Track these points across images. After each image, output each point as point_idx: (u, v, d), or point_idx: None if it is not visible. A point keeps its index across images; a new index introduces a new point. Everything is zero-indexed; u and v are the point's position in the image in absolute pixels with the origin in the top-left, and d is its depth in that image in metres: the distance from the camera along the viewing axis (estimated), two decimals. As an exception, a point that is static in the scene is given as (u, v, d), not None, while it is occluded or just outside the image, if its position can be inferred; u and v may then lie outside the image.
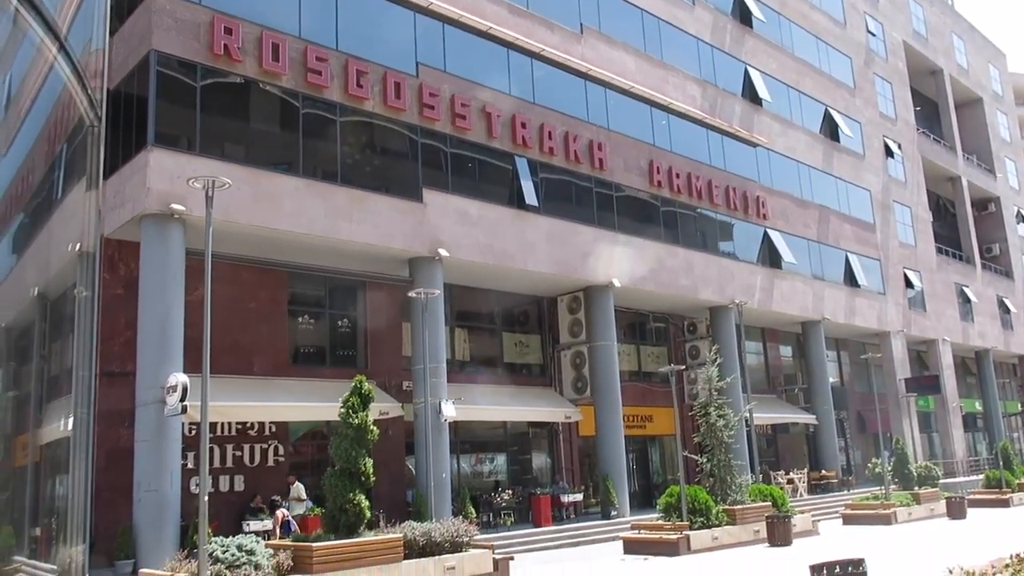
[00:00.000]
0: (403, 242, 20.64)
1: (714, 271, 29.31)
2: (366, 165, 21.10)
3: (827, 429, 33.91)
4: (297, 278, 21.66)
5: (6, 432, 4.76)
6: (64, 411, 3.57)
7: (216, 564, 12.12)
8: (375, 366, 21.98)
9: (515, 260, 23.09)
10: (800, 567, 10.71)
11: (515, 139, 23.72)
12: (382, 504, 17.97)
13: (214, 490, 18.23)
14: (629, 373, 29.04)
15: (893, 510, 25.12)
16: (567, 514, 24.01)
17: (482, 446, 25.75)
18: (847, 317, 35.89)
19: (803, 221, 34.70)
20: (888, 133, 42.60)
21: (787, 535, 19.79)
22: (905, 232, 42.24)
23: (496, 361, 26.24)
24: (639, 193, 27.44)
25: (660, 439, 30.74)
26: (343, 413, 14.05)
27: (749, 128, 32.53)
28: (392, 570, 13.73)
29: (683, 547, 18.41)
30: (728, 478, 21.40)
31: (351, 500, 13.59)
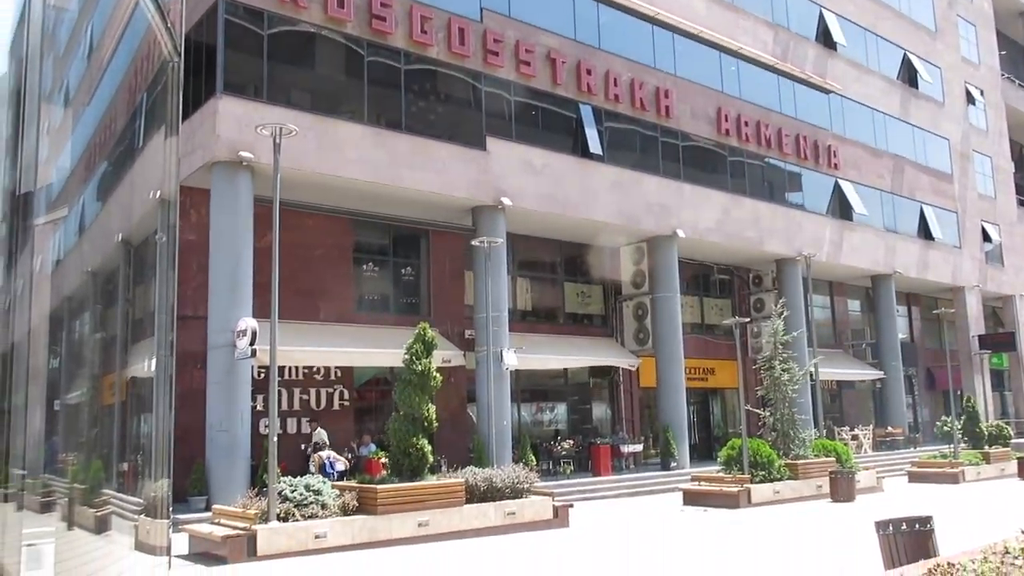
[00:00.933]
0: (466, 191, 20.64)
1: (782, 222, 28.65)
2: (430, 113, 21.05)
3: (894, 385, 33.22)
4: (362, 226, 21.87)
5: (94, 372, 4.95)
6: (148, 353, 3.69)
7: (285, 503, 12.54)
8: (438, 314, 22.19)
9: (578, 209, 22.92)
10: (863, 523, 10.59)
11: (580, 86, 23.36)
12: (444, 450, 18.29)
13: (282, 432, 18.75)
14: (691, 325, 28.76)
15: (961, 469, 24.61)
16: (626, 464, 24.12)
17: (543, 395, 25.93)
18: (919, 271, 34.85)
19: (876, 171, 33.59)
20: (970, 79, 40.72)
21: (850, 491, 19.55)
22: (984, 183, 40.62)
23: (557, 311, 26.26)
24: (706, 142, 26.86)
25: (722, 392, 30.52)
26: (407, 360, 14.26)
27: (822, 74, 31.43)
28: (453, 514, 14.01)
29: (743, 500, 18.36)
30: (791, 432, 21.19)
31: (414, 445, 13.85)
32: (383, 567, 11.23)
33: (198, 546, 12.42)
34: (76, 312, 5.19)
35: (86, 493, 4.06)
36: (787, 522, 16.09)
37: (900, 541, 8.07)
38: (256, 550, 11.74)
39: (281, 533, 12.07)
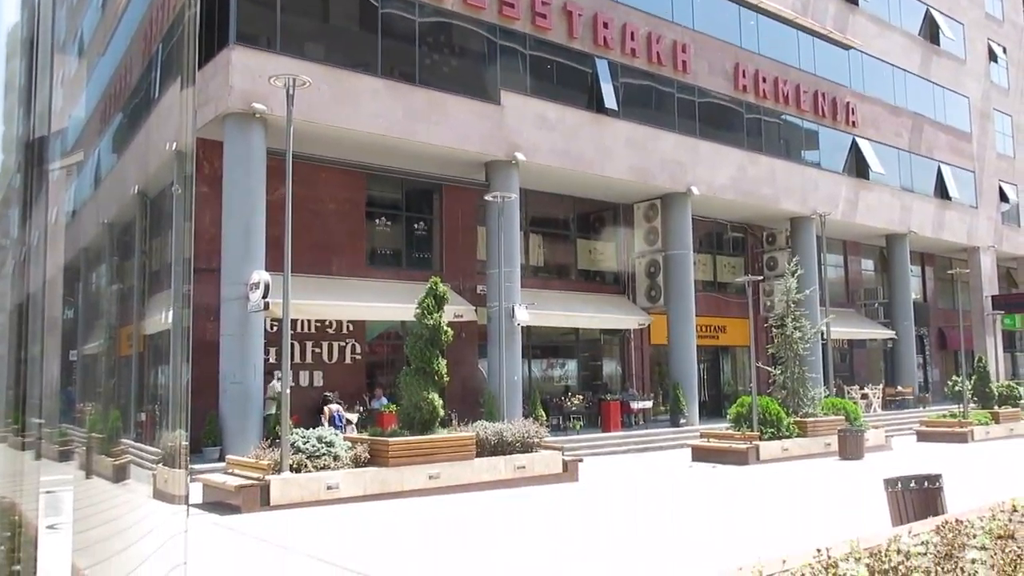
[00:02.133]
0: (480, 145, 20.51)
1: (797, 180, 28.40)
2: (444, 66, 20.83)
3: (906, 345, 33.17)
4: (375, 180, 21.81)
5: (111, 323, 5.00)
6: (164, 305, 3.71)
7: (297, 454, 12.70)
8: (450, 269, 22.21)
9: (592, 165, 22.76)
10: (871, 480, 10.67)
11: (596, 40, 23.04)
12: (455, 404, 18.41)
13: (294, 385, 18.94)
14: (704, 283, 28.72)
15: (970, 428, 24.68)
16: (636, 420, 24.29)
17: (553, 351, 26.03)
18: (935, 231, 34.57)
19: (894, 129, 33.14)
20: (993, 36, 39.93)
21: (859, 449, 19.65)
22: (1004, 143, 40.06)
23: (570, 268, 26.24)
24: (722, 98, 26.53)
25: (732, 350, 30.56)
26: (418, 314, 14.31)
27: (843, 30, 30.87)
28: (464, 467, 14.17)
29: (752, 457, 18.50)
30: (801, 390, 21.25)
31: (425, 398, 13.96)
32: (393, 517, 11.41)
33: (212, 496, 12.63)
34: (92, 264, 5.22)
35: (104, 442, 4.12)
36: (795, 479, 16.22)
37: (908, 498, 8.13)
38: (269, 500, 11.94)
39: (293, 484, 12.25)
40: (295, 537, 9.97)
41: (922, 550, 5.60)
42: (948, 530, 5.93)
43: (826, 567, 4.85)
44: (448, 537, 9.94)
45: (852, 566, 5.10)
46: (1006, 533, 6.20)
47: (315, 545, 9.47)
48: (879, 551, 5.27)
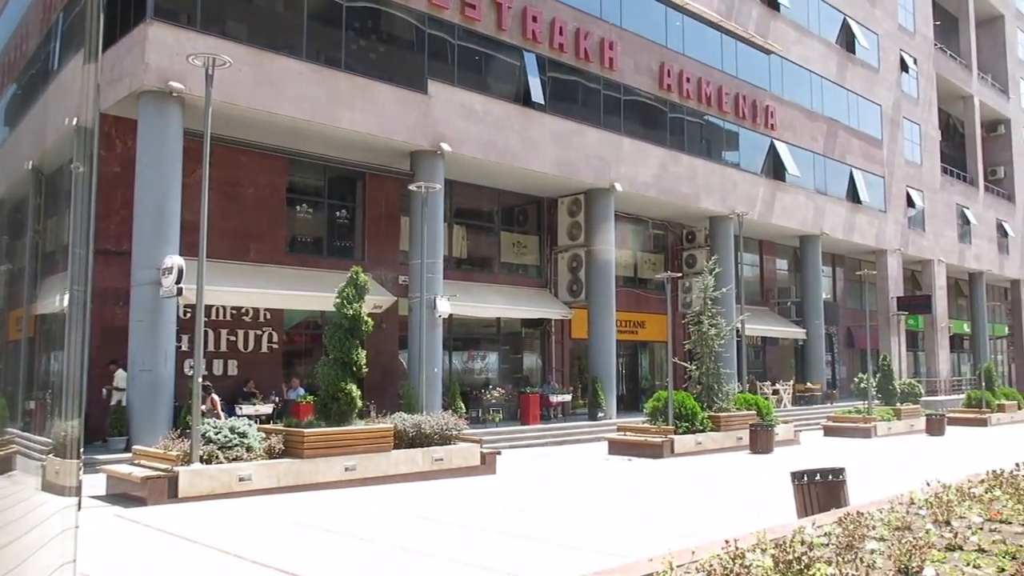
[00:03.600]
0: (405, 134, 20.30)
1: (717, 180, 29.02)
2: (371, 52, 20.53)
3: (816, 343, 34.30)
4: (297, 165, 21.37)
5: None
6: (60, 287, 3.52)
7: (209, 445, 12.36)
8: (372, 259, 21.95)
9: (518, 159, 22.79)
10: (779, 474, 10.99)
11: (525, 33, 23.05)
12: (374, 395, 18.25)
13: (208, 373, 18.45)
14: (624, 279, 29.12)
15: (873, 424, 25.67)
16: (555, 414, 24.47)
17: (475, 343, 26.01)
18: (846, 233, 35.81)
19: (810, 134, 34.17)
20: (905, 47, 41.53)
21: (769, 443, 20.24)
22: (912, 150, 41.73)
23: (493, 260, 26.24)
24: (647, 96, 26.89)
25: (651, 345, 31.08)
26: (338, 303, 14.09)
27: (764, 34, 31.64)
28: (381, 458, 14.03)
29: (667, 450, 18.84)
30: (715, 386, 21.73)
31: (343, 389, 13.76)
32: (306, 510, 11.22)
33: (116, 487, 12.19)
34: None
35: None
36: (707, 472, 16.59)
37: (813, 491, 8.38)
38: (177, 492, 11.59)
39: (204, 475, 11.92)
40: (202, 530, 9.70)
41: (825, 541, 5.77)
42: (849, 522, 6.13)
43: (733, 558, 4.94)
44: (360, 529, 9.82)
45: (758, 557, 5.22)
46: (903, 525, 6.44)
47: (223, 538, 9.23)
48: (784, 542, 5.40)
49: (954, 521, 6.65)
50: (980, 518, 6.78)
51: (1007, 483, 8.51)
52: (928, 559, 5.21)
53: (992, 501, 7.57)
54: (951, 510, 6.96)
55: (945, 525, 6.49)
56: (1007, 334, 54.24)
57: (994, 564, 5.24)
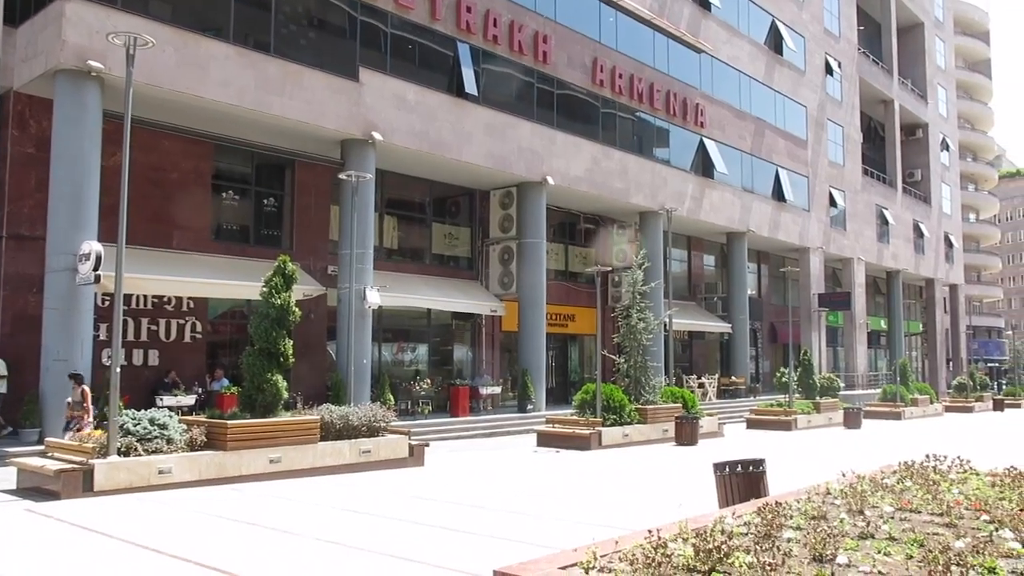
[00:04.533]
0: (336, 122, 20.00)
1: (648, 176, 29.39)
2: (301, 38, 20.14)
3: (740, 338, 35.09)
4: (223, 151, 20.85)
5: None
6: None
7: (127, 436, 11.98)
8: (300, 248, 21.59)
9: (450, 150, 22.68)
10: (702, 465, 11.20)
11: (459, 23, 22.93)
12: (301, 387, 17.98)
13: (127, 363, 17.90)
14: (555, 272, 29.29)
15: (794, 417, 26.40)
16: (484, 406, 24.49)
17: (404, 335, 25.84)
18: (771, 231, 36.70)
19: (739, 132, 34.89)
20: (830, 50, 42.72)
21: (693, 435, 20.62)
22: (835, 151, 42.99)
23: (424, 252, 26.09)
24: (580, 91, 27.06)
25: (580, 338, 31.35)
26: (265, 293, 13.81)
27: (695, 33, 32.15)
28: (307, 450, 13.82)
29: (594, 442, 19.03)
30: (643, 379, 22.04)
31: (268, 380, 13.49)
32: (227, 502, 10.97)
33: (28, 480, 11.72)
34: None
35: None
36: (633, 463, 16.81)
37: (734, 481, 8.55)
38: (93, 485, 11.19)
39: (121, 468, 11.55)
40: (119, 524, 9.40)
41: (744, 530, 5.89)
42: (768, 511, 6.27)
43: (656, 547, 5.00)
44: (284, 522, 9.65)
45: (680, 546, 5.30)
46: (819, 514, 6.63)
47: (141, 532, 8.96)
48: (705, 531, 5.49)
49: (867, 510, 6.87)
50: (892, 507, 7.02)
51: (917, 474, 8.84)
52: (842, 547, 5.37)
53: (903, 491, 7.84)
54: (865, 500, 7.18)
55: (859, 514, 6.69)
56: (921, 331, 56.46)
57: (903, 552, 5.42)
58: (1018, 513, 6.65)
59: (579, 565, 4.93)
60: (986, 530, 6.04)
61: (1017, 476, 8.88)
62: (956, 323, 59.43)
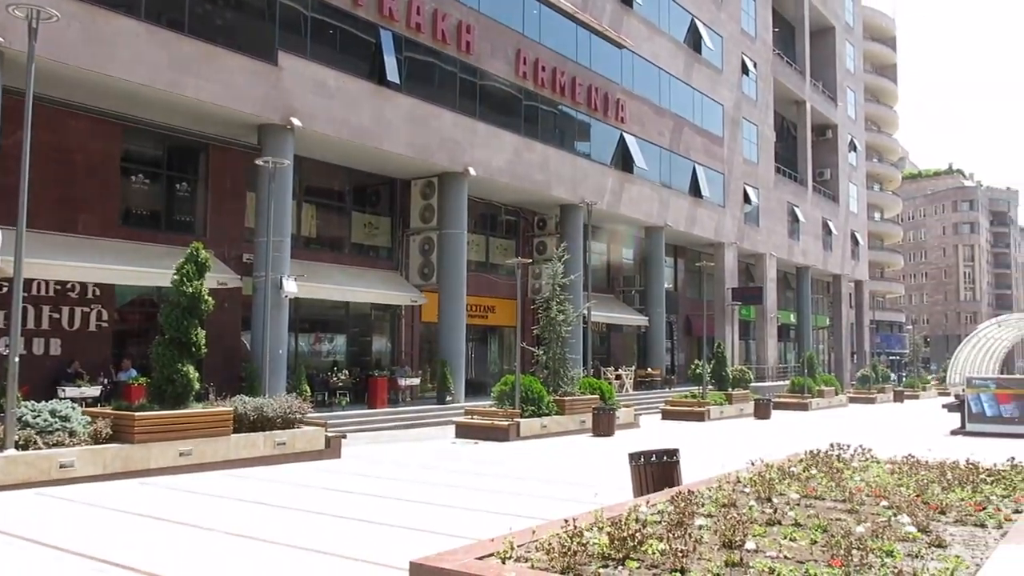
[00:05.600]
0: (253, 106, 19.51)
1: (569, 169, 29.62)
2: (218, 18, 19.55)
3: (657, 330, 35.76)
4: (133, 133, 20.10)
5: None
6: None
7: (26, 429, 11.46)
8: (215, 235, 21.00)
9: (371, 138, 22.39)
10: (618, 455, 11.37)
11: (381, 10, 22.63)
12: (214, 378, 17.52)
13: (27, 353, 17.12)
14: (476, 263, 29.28)
15: (707, 408, 27.07)
16: (403, 397, 24.32)
17: (322, 325, 25.45)
18: (688, 226, 37.46)
19: (658, 128, 35.47)
20: (747, 51, 43.79)
21: (610, 426, 20.92)
22: (750, 149, 44.14)
23: (343, 241, 25.72)
24: (503, 83, 27.06)
25: (500, 330, 31.44)
26: (176, 280, 13.38)
27: (617, 29, 32.50)
28: (220, 443, 13.48)
29: (513, 433, 19.12)
30: (561, 371, 22.23)
31: (179, 371, 13.09)
32: (133, 496, 10.61)
33: (-82, 475, 11.09)
34: None
35: None
36: (551, 454, 16.96)
37: (649, 471, 8.71)
38: (-11, 479, 10.67)
39: (19, 462, 11.03)
40: (16, 520, 8.98)
41: (658, 518, 6.00)
42: (681, 500, 6.40)
43: (572, 536, 5.05)
44: (193, 516, 9.39)
45: (595, 535, 5.37)
46: (729, 502, 6.80)
47: (40, 528, 8.58)
48: (620, 520, 5.57)
49: (775, 498, 7.09)
50: (798, 495, 7.26)
51: (822, 462, 9.17)
52: (750, 533, 5.52)
53: (809, 479, 8.13)
54: (773, 488, 7.41)
55: (767, 502, 6.91)
56: (828, 325, 58.59)
57: (808, 537, 5.61)
58: (915, 499, 6.96)
59: (496, 555, 4.94)
60: (885, 515, 6.30)
61: (914, 464, 9.31)
62: (861, 318, 61.87)
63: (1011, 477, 8.52)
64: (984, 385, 23.47)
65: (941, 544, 5.57)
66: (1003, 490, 7.78)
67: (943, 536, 5.79)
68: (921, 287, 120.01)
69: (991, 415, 22.59)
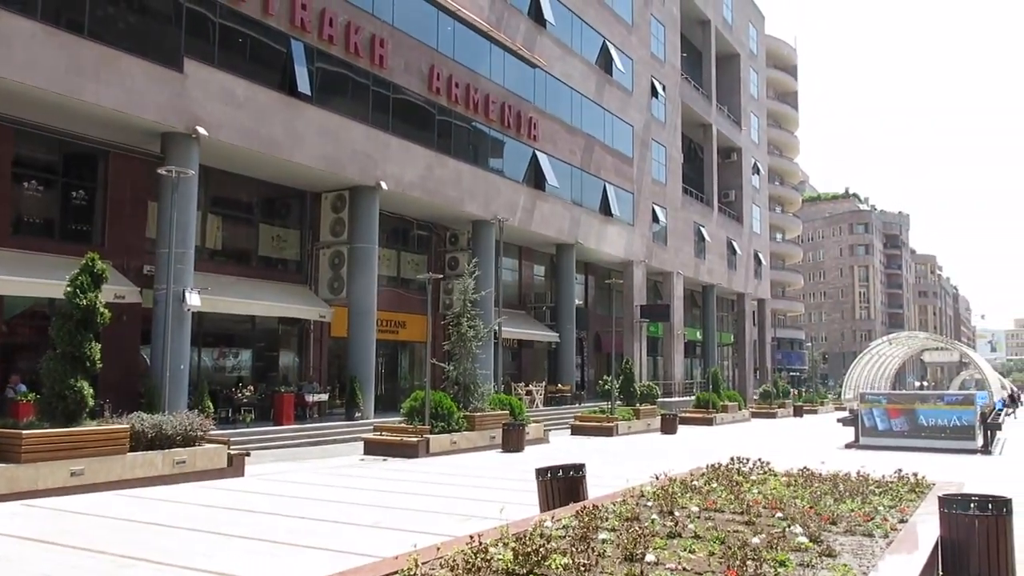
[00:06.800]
0: (157, 113, 18.94)
1: (481, 185, 29.74)
2: (121, 21, 18.93)
3: (567, 346, 36.13)
4: (25, 136, 19.23)
5: None
6: None
7: (-98, 448, 10.77)
8: (113, 245, 20.25)
9: (281, 150, 22.01)
10: (527, 471, 11.41)
11: (293, 20, 22.34)
12: (111, 394, 16.84)
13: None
14: (387, 278, 29.05)
15: (615, 423, 27.45)
16: (311, 414, 23.87)
17: (227, 340, 24.78)
18: (598, 244, 38.06)
19: (570, 147, 35.99)
20: (656, 74, 44.93)
21: (520, 442, 20.99)
22: (658, 170, 45.21)
23: (250, 253, 25.15)
24: (417, 97, 27.03)
25: (411, 345, 31.24)
26: (69, 292, 12.82)
27: (531, 48, 32.90)
28: (115, 462, 12.95)
29: (422, 450, 18.97)
30: (472, 386, 22.21)
31: (72, 387, 12.53)
32: (18, 519, 10.08)
33: None
34: None
35: None
36: (460, 470, 16.89)
37: (555, 486, 8.77)
38: None
39: None
40: None
41: (562, 533, 6.05)
42: (585, 514, 6.47)
43: (476, 552, 5.04)
44: (84, 539, 8.98)
45: (500, 550, 5.37)
46: (632, 515, 6.92)
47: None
48: (525, 535, 5.59)
49: (676, 511, 7.24)
50: (698, 507, 7.44)
51: (723, 476, 9.42)
52: (651, 546, 5.62)
53: (710, 492, 8.33)
54: (675, 501, 7.57)
55: (669, 515, 7.04)
56: (732, 342, 60.33)
57: (706, 548, 5.75)
58: (808, 510, 7.22)
59: (400, 573, 4.90)
60: (780, 526, 6.51)
61: (809, 477, 9.66)
62: (763, 335, 63.95)
63: (898, 489, 8.94)
64: (876, 400, 24.55)
65: (831, 553, 5.79)
66: (890, 501, 8.15)
67: (833, 546, 6.02)
68: (820, 306, 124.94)
69: (883, 429, 23.64)
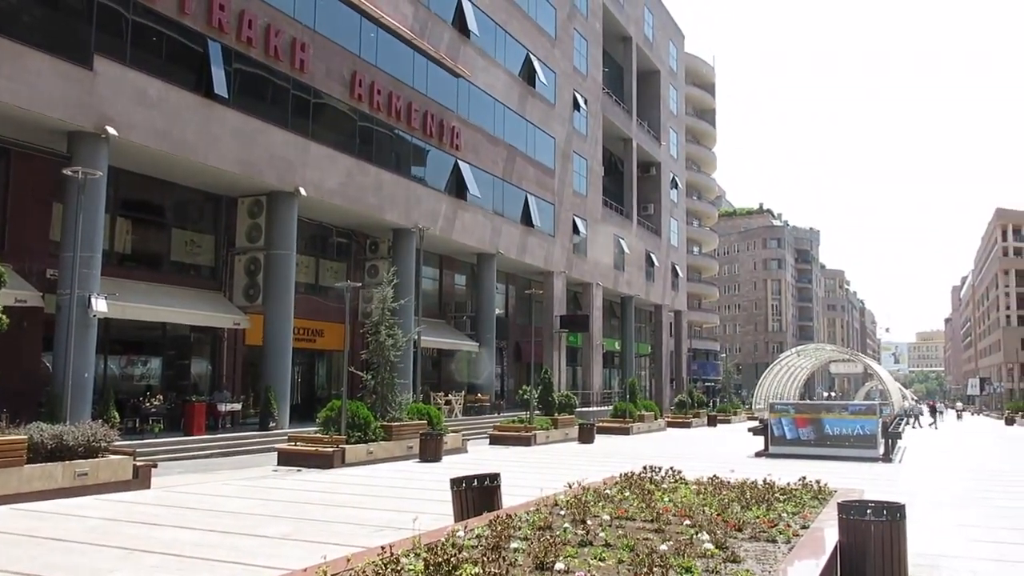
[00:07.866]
0: (63, 111, 18.24)
1: (402, 193, 29.58)
2: (25, 14, 18.18)
3: (487, 356, 36.18)
4: (-81, 133, 18.28)
5: None
6: None
7: None
8: (13, 248, 19.38)
9: (195, 152, 21.46)
10: (443, 481, 11.37)
11: (211, 20, 21.84)
12: (9, 403, 16.03)
13: None
14: (305, 285, 28.58)
15: (533, 433, 27.57)
16: (223, 424, 23.25)
17: (136, 347, 23.95)
18: (519, 254, 38.26)
19: (492, 157, 36.13)
20: (578, 88, 45.54)
21: (437, 451, 20.89)
22: (579, 182, 45.78)
23: (162, 258, 24.40)
24: (338, 103, 26.74)
25: (329, 354, 30.78)
26: (-35, 296, 12.23)
27: (454, 58, 32.95)
28: (11, 474, 12.36)
29: (337, 460, 18.69)
30: (390, 395, 22.01)
31: (-34, 395, 11.94)
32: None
33: None
34: None
35: None
36: (375, 480, 16.71)
37: (470, 496, 8.76)
38: None
39: None
40: None
41: (475, 543, 6.05)
42: (498, 524, 6.48)
43: (387, 563, 5.00)
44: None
45: (411, 561, 5.33)
46: (545, 524, 6.96)
47: None
48: (437, 546, 5.57)
49: (589, 520, 7.31)
50: (610, 516, 7.53)
51: (635, 485, 9.57)
52: (562, 555, 5.66)
53: (622, 501, 8.45)
54: (588, 510, 7.65)
55: (581, 523, 7.11)
56: (649, 352, 61.39)
57: (615, 556, 5.83)
58: (716, 517, 7.39)
59: (306, 586, 4.81)
60: (688, 534, 6.65)
61: (719, 485, 9.89)
62: (680, 346, 65.28)
63: (801, 496, 9.23)
64: (785, 410, 25.32)
65: (736, 559, 5.94)
66: (793, 507, 8.41)
67: (738, 552, 6.18)
68: (735, 318, 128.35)
69: (791, 438, 24.39)
